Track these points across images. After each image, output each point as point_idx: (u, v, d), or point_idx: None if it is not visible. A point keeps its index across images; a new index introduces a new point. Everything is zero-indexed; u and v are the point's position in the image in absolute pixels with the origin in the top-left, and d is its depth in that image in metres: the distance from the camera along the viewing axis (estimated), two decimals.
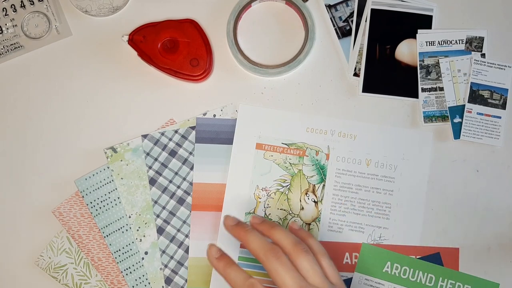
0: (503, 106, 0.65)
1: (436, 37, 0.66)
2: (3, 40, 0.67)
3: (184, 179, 0.65)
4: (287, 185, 0.65)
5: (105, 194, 0.65)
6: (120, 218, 0.65)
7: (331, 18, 0.67)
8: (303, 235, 0.58)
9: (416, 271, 0.63)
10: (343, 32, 0.67)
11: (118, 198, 0.65)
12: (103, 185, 0.65)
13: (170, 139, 0.66)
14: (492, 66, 0.66)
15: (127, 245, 0.65)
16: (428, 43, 0.66)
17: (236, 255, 0.64)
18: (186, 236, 0.65)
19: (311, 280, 0.52)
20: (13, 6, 0.68)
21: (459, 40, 0.66)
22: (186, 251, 0.64)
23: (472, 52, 0.66)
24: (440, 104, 0.66)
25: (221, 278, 0.63)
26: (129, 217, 0.65)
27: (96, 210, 0.65)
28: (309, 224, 0.65)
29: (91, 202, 0.65)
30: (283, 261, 0.52)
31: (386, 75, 0.66)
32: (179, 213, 0.65)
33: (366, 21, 0.67)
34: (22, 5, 0.68)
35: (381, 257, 0.63)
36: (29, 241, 0.65)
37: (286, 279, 0.51)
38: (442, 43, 0.66)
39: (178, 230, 0.65)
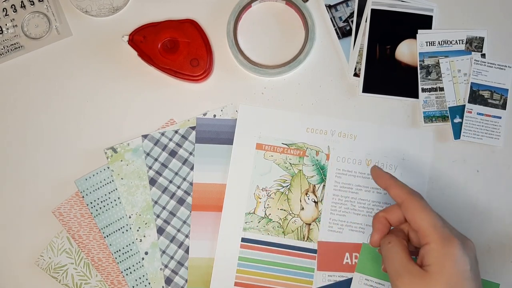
0: (503, 106, 0.65)
1: (436, 37, 0.66)
2: (3, 40, 0.67)
3: (184, 179, 0.65)
4: (287, 185, 0.65)
5: (105, 194, 0.65)
6: (120, 218, 0.65)
7: (331, 18, 0.67)
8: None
9: None
10: (343, 32, 0.67)
11: (118, 198, 0.65)
12: (103, 185, 0.65)
13: (170, 139, 0.66)
14: (492, 66, 0.66)
15: (127, 245, 0.65)
16: (428, 43, 0.66)
17: (236, 255, 0.64)
18: (186, 236, 0.65)
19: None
20: (13, 6, 0.68)
21: (459, 40, 0.66)
22: (186, 251, 0.64)
23: (472, 52, 0.66)
24: (440, 104, 0.66)
25: (221, 278, 0.63)
26: (129, 217, 0.65)
27: (96, 210, 0.65)
28: (309, 224, 0.65)
29: (91, 202, 0.65)
30: (423, 202, 0.54)
31: (386, 75, 0.66)
32: (179, 213, 0.65)
33: (366, 21, 0.67)
34: (22, 5, 0.68)
35: (381, 257, 0.63)
36: (29, 241, 0.65)
37: (430, 216, 0.53)
38: (442, 43, 0.66)
39: (178, 230, 0.65)
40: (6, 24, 0.67)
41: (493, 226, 0.65)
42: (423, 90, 0.66)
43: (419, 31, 0.66)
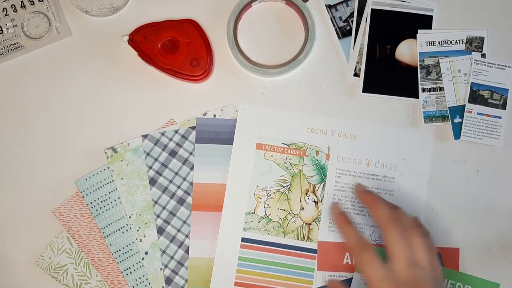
0: (503, 106, 0.65)
1: (436, 37, 0.66)
2: (4, 40, 0.67)
3: (184, 179, 0.65)
4: (287, 185, 0.65)
5: (105, 194, 0.65)
6: (120, 218, 0.65)
7: (331, 18, 0.67)
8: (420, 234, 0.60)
9: None
10: (343, 32, 0.67)
11: (118, 198, 0.65)
12: (103, 185, 0.65)
13: (170, 139, 0.66)
14: (492, 66, 0.66)
15: (127, 245, 0.65)
16: (428, 43, 0.66)
17: (236, 255, 0.64)
18: (186, 236, 0.65)
19: (418, 258, 0.57)
20: (13, 6, 0.68)
21: (459, 40, 0.66)
22: (186, 251, 0.64)
23: (472, 52, 0.66)
24: (440, 104, 0.66)
25: (221, 278, 0.64)
26: (129, 217, 0.65)
27: (96, 210, 0.65)
28: (309, 224, 0.65)
29: (91, 202, 0.65)
30: (399, 233, 0.57)
31: (386, 75, 0.66)
32: (179, 213, 0.65)
33: (366, 21, 0.67)
34: (23, 5, 0.68)
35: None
36: (29, 241, 0.65)
37: (397, 248, 0.57)
38: (442, 43, 0.66)
39: (178, 230, 0.65)
40: (6, 24, 0.67)
41: (493, 226, 0.65)
42: (423, 90, 0.66)
43: (419, 31, 0.66)
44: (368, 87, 0.66)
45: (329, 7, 0.67)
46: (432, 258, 0.58)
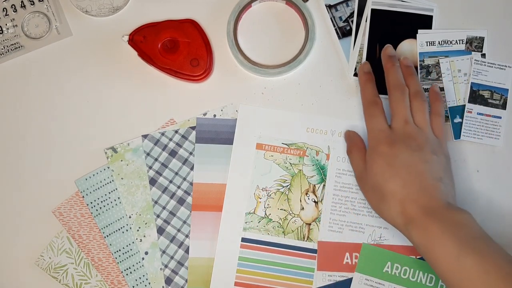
0: (504, 106, 0.65)
1: (437, 37, 0.66)
2: (4, 40, 0.67)
3: (184, 179, 0.65)
4: (287, 185, 0.65)
5: (105, 194, 0.65)
6: (120, 218, 0.65)
7: (331, 18, 0.67)
8: (434, 97, 0.64)
9: (417, 271, 0.63)
10: (343, 32, 0.67)
11: (118, 198, 0.65)
12: (103, 185, 0.65)
13: (171, 139, 0.66)
14: (492, 66, 0.66)
15: (127, 245, 0.65)
16: (428, 43, 0.66)
17: (236, 255, 0.64)
18: (186, 236, 0.65)
19: (416, 120, 0.61)
20: (13, 6, 0.68)
21: (459, 40, 0.66)
22: (186, 251, 0.64)
23: (473, 52, 0.66)
24: None
25: (221, 278, 0.64)
26: (129, 217, 0.65)
27: (96, 210, 0.65)
28: (309, 224, 0.65)
29: (91, 202, 0.65)
30: (404, 98, 0.62)
31: None
32: (179, 213, 0.65)
33: (366, 21, 0.67)
34: (23, 5, 0.68)
35: (381, 257, 0.63)
36: (29, 241, 0.65)
37: (399, 109, 0.61)
38: (443, 43, 0.66)
39: (178, 230, 0.65)
40: (6, 24, 0.67)
41: (493, 226, 0.65)
42: (423, 90, 0.66)
43: (419, 31, 0.66)
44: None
45: (329, 7, 0.67)
46: (435, 122, 0.62)
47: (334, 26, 0.67)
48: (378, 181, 0.59)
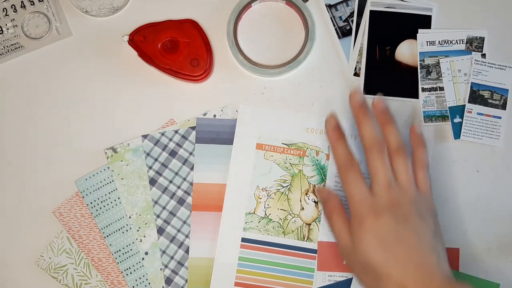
0: (504, 107, 0.65)
1: (437, 37, 0.66)
2: (4, 40, 0.67)
3: (184, 179, 0.65)
4: (288, 185, 0.65)
5: (105, 195, 0.65)
6: (120, 218, 0.65)
7: (331, 18, 0.67)
8: (417, 142, 0.60)
9: None
10: (344, 32, 0.67)
11: (119, 198, 0.65)
12: (103, 186, 0.65)
13: (170, 139, 0.66)
14: (492, 67, 0.66)
15: (127, 246, 0.65)
16: (428, 43, 0.66)
17: (236, 255, 0.64)
18: (187, 236, 0.65)
19: (399, 180, 0.57)
20: (13, 6, 0.68)
21: (460, 40, 0.66)
22: (187, 251, 0.64)
23: (473, 52, 0.66)
24: (440, 104, 0.66)
25: (221, 278, 0.64)
26: (130, 217, 0.65)
27: (96, 210, 0.65)
28: (309, 224, 0.65)
29: (91, 203, 0.65)
30: (382, 157, 0.57)
31: (387, 77, 0.66)
32: (179, 213, 0.65)
33: (366, 22, 0.66)
34: (23, 5, 0.68)
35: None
36: (29, 241, 0.65)
37: (379, 171, 0.57)
38: (443, 43, 0.66)
39: (179, 231, 0.65)
40: (6, 24, 0.67)
41: (493, 226, 0.65)
42: (423, 89, 0.66)
43: (419, 30, 0.66)
44: (369, 90, 0.66)
45: (329, 6, 0.67)
46: (420, 176, 0.58)
47: (334, 26, 0.67)
48: (370, 261, 0.55)
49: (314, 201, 0.65)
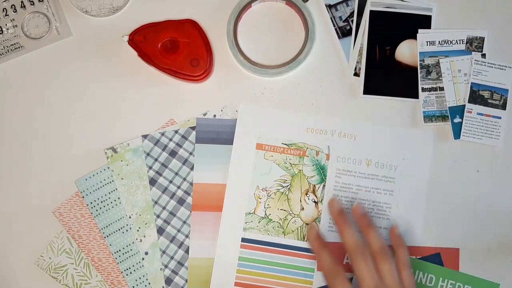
0: (503, 107, 0.65)
1: (437, 37, 0.66)
2: (4, 41, 0.67)
3: (184, 179, 0.65)
4: (287, 185, 0.65)
5: (105, 195, 0.65)
6: (120, 218, 0.65)
7: (331, 18, 0.67)
8: (397, 243, 0.62)
9: (417, 271, 0.63)
10: (343, 32, 0.67)
11: (119, 198, 0.65)
12: (103, 186, 0.65)
13: (170, 140, 0.66)
14: (492, 67, 0.66)
15: (127, 246, 0.65)
16: (428, 43, 0.66)
17: (236, 255, 0.64)
18: (186, 236, 0.65)
19: (385, 281, 0.58)
20: (13, 6, 0.68)
21: (460, 40, 0.66)
22: (187, 251, 0.64)
23: (473, 52, 0.66)
24: (440, 104, 0.66)
25: (221, 278, 0.64)
26: (129, 217, 0.65)
27: (96, 210, 0.65)
28: (309, 224, 0.65)
29: (91, 203, 0.65)
30: (367, 261, 0.58)
31: (387, 77, 0.66)
32: (179, 213, 0.65)
33: (365, 22, 0.66)
34: (23, 5, 0.68)
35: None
36: (29, 241, 0.65)
37: (366, 275, 0.58)
38: (443, 43, 0.66)
39: (178, 231, 0.65)
40: (6, 24, 0.67)
41: (493, 226, 0.65)
42: (423, 89, 0.66)
43: (419, 30, 0.66)
44: (369, 90, 0.66)
45: (329, 6, 0.67)
46: (404, 275, 0.59)
47: (334, 26, 0.67)
48: None
49: (314, 201, 0.65)
